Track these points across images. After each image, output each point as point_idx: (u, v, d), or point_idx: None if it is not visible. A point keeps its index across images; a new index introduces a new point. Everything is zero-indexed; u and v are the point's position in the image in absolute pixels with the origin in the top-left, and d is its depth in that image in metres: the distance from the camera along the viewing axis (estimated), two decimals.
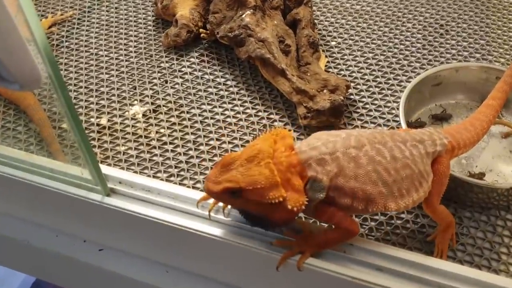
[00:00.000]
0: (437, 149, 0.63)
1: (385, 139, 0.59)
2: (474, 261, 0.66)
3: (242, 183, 0.53)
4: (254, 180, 0.53)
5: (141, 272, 0.71)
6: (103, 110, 0.87)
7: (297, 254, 0.58)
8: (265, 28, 0.88)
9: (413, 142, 0.61)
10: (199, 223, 0.62)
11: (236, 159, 0.54)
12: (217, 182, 0.54)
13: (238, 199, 0.54)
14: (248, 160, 0.54)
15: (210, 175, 0.55)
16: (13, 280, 1.38)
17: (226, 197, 0.54)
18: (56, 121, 0.84)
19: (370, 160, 0.57)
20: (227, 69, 0.94)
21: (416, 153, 0.60)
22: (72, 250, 0.73)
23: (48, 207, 0.70)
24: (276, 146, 0.56)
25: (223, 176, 0.54)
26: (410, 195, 0.59)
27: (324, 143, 0.57)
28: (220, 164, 0.55)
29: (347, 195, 0.56)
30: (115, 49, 0.99)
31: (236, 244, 0.60)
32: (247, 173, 0.53)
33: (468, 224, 0.71)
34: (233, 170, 0.54)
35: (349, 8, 1.07)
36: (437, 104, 0.86)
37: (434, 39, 0.99)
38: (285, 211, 0.53)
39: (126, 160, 0.79)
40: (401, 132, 0.62)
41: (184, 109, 0.87)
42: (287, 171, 0.54)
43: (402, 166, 0.58)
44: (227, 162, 0.55)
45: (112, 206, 0.63)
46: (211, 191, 0.54)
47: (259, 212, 0.55)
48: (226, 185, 0.53)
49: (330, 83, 0.82)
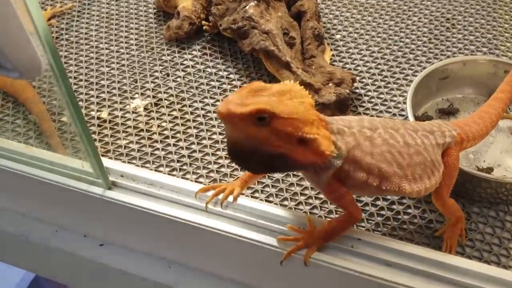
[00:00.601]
0: (446, 141, 0.62)
1: (397, 126, 0.58)
2: (483, 257, 0.65)
3: (277, 108, 0.47)
4: (290, 109, 0.47)
5: (143, 268, 0.69)
6: (103, 103, 0.86)
7: (303, 249, 0.57)
8: (269, 20, 0.86)
9: (424, 132, 0.60)
10: (203, 217, 0.60)
11: (266, 88, 0.49)
12: (243, 104, 0.46)
13: (264, 128, 0.47)
14: (280, 93, 0.48)
15: (232, 98, 0.48)
16: (13, 276, 1.36)
17: (250, 123, 0.47)
18: (56, 114, 0.83)
19: (384, 141, 0.55)
20: (230, 62, 0.93)
21: (428, 142, 0.59)
22: (72, 245, 0.72)
23: (47, 201, 0.69)
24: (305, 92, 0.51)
25: (252, 99, 0.47)
26: (423, 181, 0.58)
27: (341, 119, 0.55)
28: (246, 89, 0.48)
29: (363, 169, 0.54)
30: (116, 42, 0.98)
31: (240, 239, 0.59)
32: (280, 101, 0.48)
33: (477, 219, 0.69)
34: (264, 96, 0.48)
35: (354, 1, 1.06)
36: (444, 98, 0.85)
37: (441, 33, 0.98)
38: (313, 152, 0.50)
39: (128, 154, 0.77)
40: (412, 122, 0.61)
41: (186, 102, 0.85)
42: (318, 119, 0.51)
43: (415, 152, 0.57)
44: (256, 88, 0.49)
45: (114, 199, 0.61)
46: (233, 112, 0.46)
47: (280, 148, 0.49)
48: (260, 106, 0.46)
49: (335, 76, 0.81)
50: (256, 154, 0.50)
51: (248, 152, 0.50)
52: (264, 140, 0.48)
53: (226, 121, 0.48)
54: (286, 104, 0.48)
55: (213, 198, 0.61)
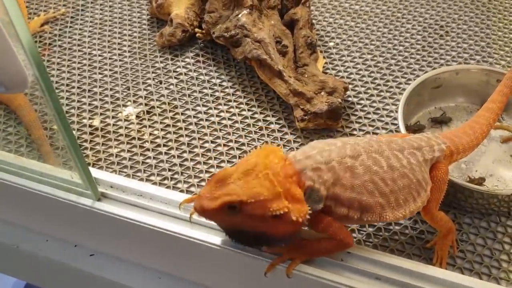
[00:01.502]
0: (435, 155, 0.61)
1: (382, 147, 0.57)
2: (474, 269, 0.65)
3: (243, 196, 0.49)
4: (255, 192, 0.49)
5: (133, 278, 0.69)
6: (95, 111, 0.85)
7: (287, 261, 0.56)
8: (262, 28, 0.86)
9: (411, 150, 0.59)
10: (192, 230, 0.60)
11: (231, 173, 0.51)
12: (213, 198, 0.50)
13: (237, 215, 0.50)
14: (245, 173, 0.51)
15: (202, 193, 0.51)
16: (3, 284, 1.36)
17: (224, 214, 0.50)
18: (48, 121, 0.82)
19: (367, 169, 0.55)
20: (223, 69, 0.92)
21: (414, 161, 0.58)
22: (63, 255, 0.72)
23: (38, 212, 0.69)
24: (269, 158, 0.53)
25: (219, 191, 0.50)
26: (408, 205, 0.58)
27: (319, 152, 0.55)
28: (213, 180, 0.51)
29: (343, 205, 0.55)
30: (109, 49, 0.97)
31: (224, 249, 0.58)
32: (246, 186, 0.50)
33: (468, 230, 0.69)
34: (230, 184, 0.50)
35: (347, 8, 1.06)
36: (436, 107, 0.85)
37: (434, 41, 0.97)
38: (288, 223, 0.51)
39: (119, 163, 0.77)
40: (399, 139, 0.60)
41: (178, 110, 0.85)
42: (286, 182, 0.51)
43: (400, 176, 0.56)
44: (222, 177, 0.51)
45: (103, 211, 0.61)
46: (206, 208, 0.50)
47: (259, 228, 0.52)
48: (226, 199, 0.49)
49: (328, 85, 0.80)
50: (243, 235, 0.54)
51: (234, 234, 0.55)
52: (241, 224, 0.52)
53: (203, 216, 0.52)
54: (251, 186, 0.50)
55: None
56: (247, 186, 0.50)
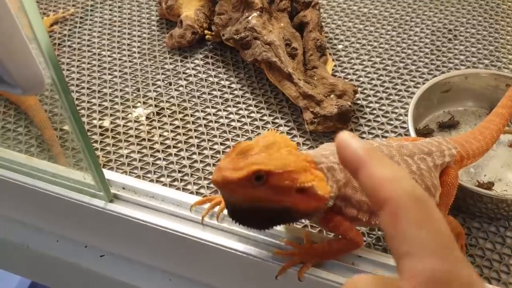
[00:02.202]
0: (445, 160, 0.62)
1: (392, 153, 0.57)
2: (483, 273, 0.65)
3: (271, 166, 0.47)
4: (283, 163, 0.48)
5: (143, 280, 0.69)
6: (105, 112, 0.86)
7: (298, 264, 0.57)
8: (271, 30, 0.86)
9: (421, 155, 0.59)
10: (203, 232, 0.60)
11: (252, 147, 0.49)
12: (237, 168, 0.47)
13: (261, 187, 0.47)
14: (267, 147, 0.49)
15: (224, 164, 0.48)
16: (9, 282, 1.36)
17: (248, 185, 0.47)
18: (58, 122, 0.83)
19: None
20: (232, 71, 0.93)
21: (424, 167, 0.58)
22: (73, 256, 0.72)
23: (49, 212, 0.69)
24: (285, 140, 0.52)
25: (244, 161, 0.47)
26: None
27: (332, 153, 0.55)
28: (234, 152, 0.49)
29: (353, 206, 0.55)
30: (118, 49, 0.98)
31: (236, 253, 0.58)
32: (271, 157, 0.48)
33: (477, 234, 0.69)
34: (255, 155, 0.48)
35: (356, 11, 1.06)
36: (445, 111, 0.85)
37: (442, 44, 0.98)
38: (313, 198, 0.50)
39: (129, 164, 0.77)
40: (409, 143, 0.61)
41: (188, 112, 0.85)
42: (308, 164, 0.51)
43: None
44: (244, 149, 0.49)
45: (115, 212, 0.61)
46: (230, 178, 0.47)
47: (282, 202, 0.49)
48: (254, 167, 0.46)
49: (337, 87, 0.81)
50: (260, 213, 0.51)
51: (251, 212, 0.51)
52: (264, 198, 0.49)
53: (224, 188, 0.49)
54: (277, 158, 0.48)
55: (209, 211, 0.61)
56: (273, 157, 0.48)
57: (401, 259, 0.27)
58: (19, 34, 0.43)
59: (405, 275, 0.26)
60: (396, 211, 0.28)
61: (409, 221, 0.27)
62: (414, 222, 0.27)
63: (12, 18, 0.41)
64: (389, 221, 0.28)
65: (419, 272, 0.26)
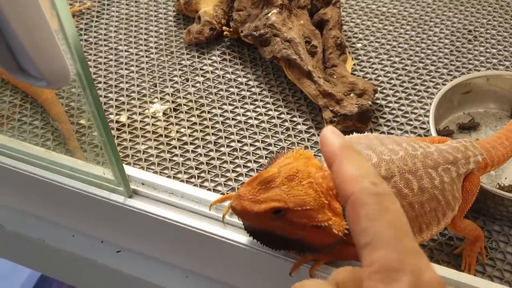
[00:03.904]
0: (470, 167, 0.60)
1: (417, 165, 0.55)
2: (504, 277, 0.64)
3: (290, 203, 0.48)
4: (302, 200, 0.48)
5: (160, 276, 0.69)
6: (122, 107, 0.85)
7: (311, 261, 0.56)
8: (291, 28, 0.86)
9: (445, 166, 0.57)
10: (220, 228, 0.59)
11: (275, 176, 0.49)
12: (257, 201, 0.48)
13: (278, 221, 0.49)
14: (288, 178, 0.49)
15: (244, 193, 0.49)
16: (19, 275, 1.36)
17: (266, 218, 0.49)
18: (75, 116, 0.82)
19: (397, 193, 0.53)
20: (249, 68, 0.92)
21: (447, 179, 0.57)
22: (89, 251, 0.71)
23: (66, 206, 0.69)
24: (308, 166, 0.51)
25: (264, 194, 0.49)
26: (430, 229, 0.57)
27: None
28: (256, 181, 0.49)
29: None
30: (135, 44, 0.97)
31: (258, 252, 0.57)
32: (291, 192, 0.48)
33: (498, 238, 0.69)
34: (275, 188, 0.49)
35: (375, 10, 1.05)
36: (465, 112, 0.84)
37: (462, 45, 0.97)
38: (327, 235, 0.50)
39: (146, 160, 0.77)
40: (435, 151, 0.58)
41: (205, 108, 0.85)
42: (327, 194, 0.50)
43: (429, 199, 0.55)
44: (267, 179, 0.49)
45: (135, 208, 0.61)
46: (249, 210, 0.48)
47: (297, 235, 0.51)
48: (273, 205, 0.48)
49: (357, 86, 0.80)
50: (274, 238, 0.52)
51: (266, 235, 0.53)
52: (278, 229, 0.50)
53: (241, 217, 0.51)
54: (297, 194, 0.48)
55: (230, 209, 0.60)
56: (293, 193, 0.48)
57: (361, 250, 0.30)
58: (46, 25, 0.42)
59: (363, 264, 0.29)
60: (356, 205, 0.30)
61: (366, 214, 0.30)
62: (370, 216, 0.30)
63: (40, 9, 0.41)
64: (351, 215, 0.31)
65: (373, 261, 0.28)
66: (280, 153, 0.56)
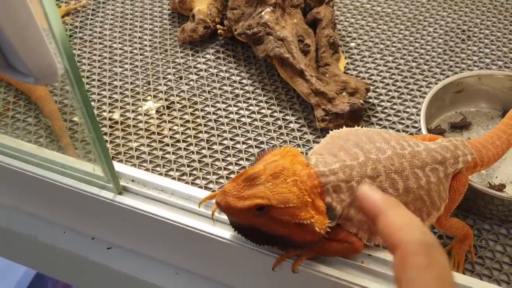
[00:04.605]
0: (458, 167, 0.59)
1: (403, 165, 0.55)
2: (493, 275, 0.65)
3: (274, 200, 0.49)
4: (285, 198, 0.49)
5: (150, 273, 0.69)
6: (116, 104, 0.85)
7: (294, 257, 0.56)
8: (284, 26, 0.86)
9: (433, 165, 0.57)
10: (211, 226, 0.60)
11: (260, 173, 0.50)
12: (241, 197, 0.49)
13: (261, 217, 0.49)
14: (273, 176, 0.50)
15: (229, 189, 0.50)
16: (14, 272, 1.36)
17: (249, 214, 0.49)
18: (68, 113, 0.82)
19: None
20: (243, 67, 0.92)
21: (434, 179, 0.56)
22: (80, 248, 0.72)
23: (57, 203, 0.69)
24: (294, 164, 0.52)
25: (248, 191, 0.49)
26: None
27: (342, 168, 0.53)
28: (241, 178, 0.50)
29: (354, 225, 0.54)
30: (130, 42, 0.97)
31: (247, 249, 0.58)
32: (275, 189, 0.49)
33: (487, 236, 0.69)
34: (260, 185, 0.49)
35: (369, 9, 1.05)
36: (457, 112, 0.84)
37: (456, 45, 0.97)
38: (309, 232, 0.50)
39: (138, 157, 0.77)
40: (423, 150, 0.57)
41: (198, 106, 0.85)
42: (311, 192, 0.51)
43: (413, 199, 0.55)
44: (252, 176, 0.50)
45: (124, 204, 0.61)
46: (233, 206, 0.49)
47: (280, 232, 0.51)
48: (256, 201, 0.48)
49: (349, 85, 0.80)
50: (258, 234, 0.53)
51: (249, 231, 0.53)
52: (263, 225, 0.51)
53: (225, 212, 0.52)
54: (281, 192, 0.49)
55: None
56: (277, 191, 0.49)
57: None
58: (33, 23, 0.42)
59: None
60: (404, 255, 0.31)
61: (415, 265, 0.30)
62: (419, 267, 0.30)
63: (27, 7, 0.41)
64: (398, 265, 0.31)
65: None
66: (268, 150, 0.57)
